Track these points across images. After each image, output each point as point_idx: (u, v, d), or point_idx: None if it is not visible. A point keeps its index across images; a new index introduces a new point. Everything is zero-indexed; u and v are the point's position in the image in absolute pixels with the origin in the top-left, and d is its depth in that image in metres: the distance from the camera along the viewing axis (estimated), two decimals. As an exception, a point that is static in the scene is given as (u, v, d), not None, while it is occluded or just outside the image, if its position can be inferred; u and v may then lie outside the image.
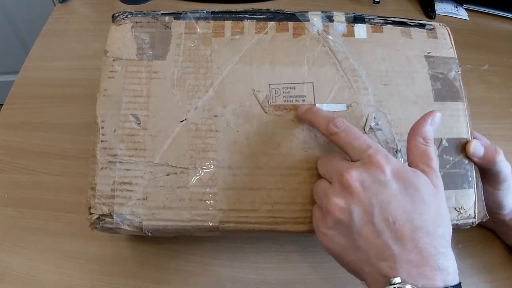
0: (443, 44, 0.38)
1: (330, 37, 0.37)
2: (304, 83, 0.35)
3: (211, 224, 0.32)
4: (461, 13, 0.68)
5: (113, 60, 0.36)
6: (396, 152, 0.34)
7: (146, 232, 0.33)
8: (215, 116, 0.34)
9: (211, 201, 0.33)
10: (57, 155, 0.47)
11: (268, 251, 0.41)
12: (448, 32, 0.39)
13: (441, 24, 0.39)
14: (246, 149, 0.34)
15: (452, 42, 0.38)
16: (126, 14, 0.38)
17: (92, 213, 0.32)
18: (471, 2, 0.69)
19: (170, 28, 0.37)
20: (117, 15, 0.38)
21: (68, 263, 0.39)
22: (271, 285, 0.39)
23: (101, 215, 0.32)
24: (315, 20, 0.37)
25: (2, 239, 0.41)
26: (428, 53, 0.37)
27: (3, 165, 0.47)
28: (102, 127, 0.34)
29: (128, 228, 0.32)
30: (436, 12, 0.67)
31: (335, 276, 0.40)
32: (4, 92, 0.54)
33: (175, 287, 0.39)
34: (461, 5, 0.69)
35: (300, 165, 0.33)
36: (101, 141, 0.33)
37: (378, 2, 0.67)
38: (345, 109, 0.35)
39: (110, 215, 0.32)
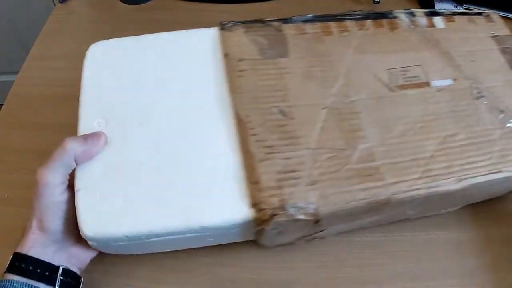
0: (500, 25, 0.45)
1: (418, 28, 0.43)
2: (414, 65, 0.40)
3: (383, 198, 0.33)
4: (461, 13, 0.68)
5: (239, 61, 0.38)
6: (501, 112, 0.39)
7: (320, 218, 0.32)
8: (352, 101, 0.37)
9: (377, 176, 0.33)
10: (57, 155, 0.47)
11: (268, 251, 0.41)
12: (499, 17, 0.46)
13: (492, 11, 0.47)
14: (388, 123, 0.36)
15: (505, 23, 0.46)
16: (234, 22, 0.41)
17: (263, 209, 0.31)
18: (471, 2, 0.69)
19: (282, 30, 0.40)
20: (225, 23, 0.41)
21: (68, 263, 0.39)
22: (271, 285, 0.39)
23: (273, 208, 0.31)
24: (402, 16, 0.43)
25: (2, 239, 0.41)
26: (492, 33, 0.44)
27: (3, 165, 0.47)
28: (249, 122, 0.34)
29: (303, 218, 0.31)
30: (436, 12, 0.67)
31: (335, 276, 0.40)
32: (4, 92, 0.54)
33: (175, 287, 0.39)
34: (461, 5, 0.69)
35: (437, 131, 0.36)
36: (252, 134, 0.34)
37: (378, 2, 0.67)
38: (452, 83, 0.40)
39: (282, 207, 0.31)
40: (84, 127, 0.35)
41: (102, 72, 0.39)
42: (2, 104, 0.52)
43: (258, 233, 0.34)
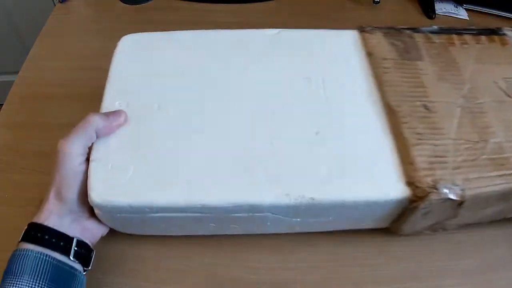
0: None
1: None
2: None
3: None
4: (461, 13, 0.68)
5: (383, 59, 0.43)
6: None
7: (465, 200, 0.34)
8: (480, 102, 0.41)
9: (508, 166, 0.36)
10: (57, 155, 0.47)
11: (268, 251, 0.41)
12: None
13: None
14: (511, 123, 0.39)
15: None
16: (372, 27, 0.46)
17: (419, 187, 0.34)
18: (471, 2, 0.69)
19: (414, 38, 0.46)
20: (364, 26, 0.46)
21: (68, 263, 0.39)
22: (271, 285, 0.39)
23: (427, 187, 0.34)
24: (509, 33, 0.48)
25: (2, 239, 0.41)
26: None
27: (3, 165, 0.47)
28: (400, 111, 0.39)
29: (454, 197, 0.34)
30: (436, 12, 0.67)
31: (335, 276, 0.40)
32: (4, 92, 0.54)
33: (175, 287, 0.39)
34: (461, 5, 0.69)
35: None
36: (403, 122, 0.38)
37: (378, 2, 0.67)
38: None
39: (435, 186, 0.34)
40: (106, 106, 0.38)
41: (130, 60, 0.42)
42: (2, 104, 0.52)
43: (407, 214, 0.36)
